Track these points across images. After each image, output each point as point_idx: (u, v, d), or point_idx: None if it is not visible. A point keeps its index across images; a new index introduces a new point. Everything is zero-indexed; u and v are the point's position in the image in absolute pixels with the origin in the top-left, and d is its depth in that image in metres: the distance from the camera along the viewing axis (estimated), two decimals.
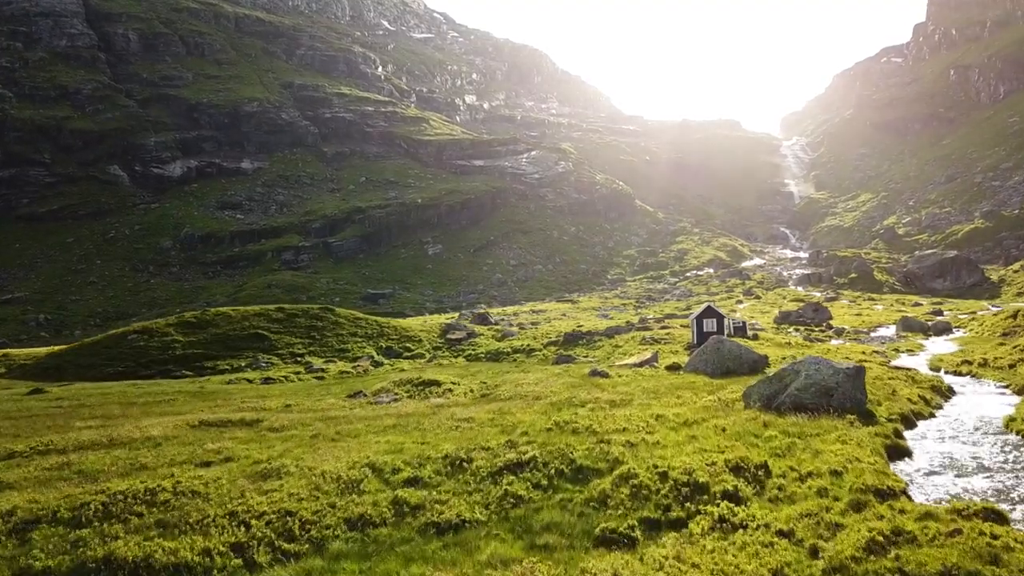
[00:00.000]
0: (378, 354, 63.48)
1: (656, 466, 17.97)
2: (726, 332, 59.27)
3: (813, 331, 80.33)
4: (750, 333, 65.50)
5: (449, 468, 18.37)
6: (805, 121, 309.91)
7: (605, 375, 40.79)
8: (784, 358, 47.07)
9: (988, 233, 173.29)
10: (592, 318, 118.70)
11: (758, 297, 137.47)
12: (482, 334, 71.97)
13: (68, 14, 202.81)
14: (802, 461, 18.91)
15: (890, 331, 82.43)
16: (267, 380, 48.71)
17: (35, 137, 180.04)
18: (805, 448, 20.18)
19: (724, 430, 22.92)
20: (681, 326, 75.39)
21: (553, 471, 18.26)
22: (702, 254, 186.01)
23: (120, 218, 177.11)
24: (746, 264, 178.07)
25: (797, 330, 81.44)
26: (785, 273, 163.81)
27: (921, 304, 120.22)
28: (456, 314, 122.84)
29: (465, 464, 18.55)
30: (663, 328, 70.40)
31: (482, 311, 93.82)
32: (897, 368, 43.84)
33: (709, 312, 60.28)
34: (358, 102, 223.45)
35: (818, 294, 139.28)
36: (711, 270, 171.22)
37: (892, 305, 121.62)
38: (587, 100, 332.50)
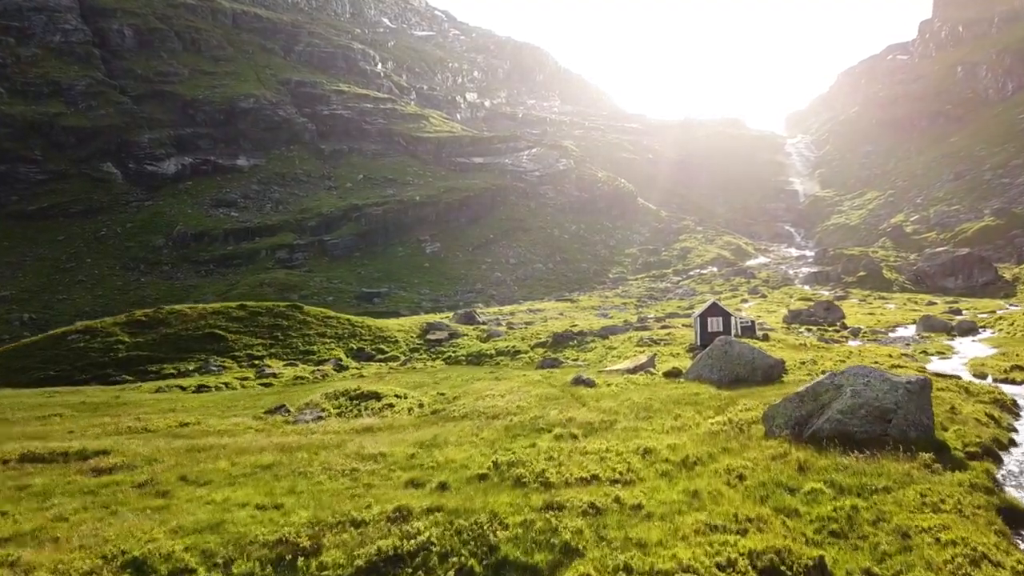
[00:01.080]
0: (347, 356, 56.02)
1: (630, 569, 10.20)
2: (733, 332, 51.52)
3: (827, 331, 72.56)
4: (759, 333, 57.79)
5: (271, 570, 10.66)
6: (809, 119, 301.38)
7: (590, 384, 33.21)
8: (803, 363, 39.16)
9: (999, 231, 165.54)
10: (590, 317, 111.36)
11: (764, 296, 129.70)
12: (466, 334, 64.46)
13: (62, 9, 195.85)
14: (884, 555, 11.12)
15: (910, 331, 74.64)
16: (201, 388, 41.45)
17: (26, 134, 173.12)
18: (876, 520, 12.70)
19: (742, 478, 15.48)
20: (683, 326, 67.68)
21: None
22: (705, 253, 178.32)
23: (112, 216, 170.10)
24: (751, 263, 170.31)
25: (809, 330, 73.60)
26: (791, 272, 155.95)
27: (935, 303, 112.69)
28: (449, 313, 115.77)
29: (303, 559, 10.86)
30: (663, 328, 62.74)
31: (468, 310, 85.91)
32: (941, 376, 35.83)
33: (714, 310, 52.49)
34: (356, 99, 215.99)
35: (826, 293, 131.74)
36: (715, 269, 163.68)
37: (905, 304, 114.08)
38: (590, 98, 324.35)
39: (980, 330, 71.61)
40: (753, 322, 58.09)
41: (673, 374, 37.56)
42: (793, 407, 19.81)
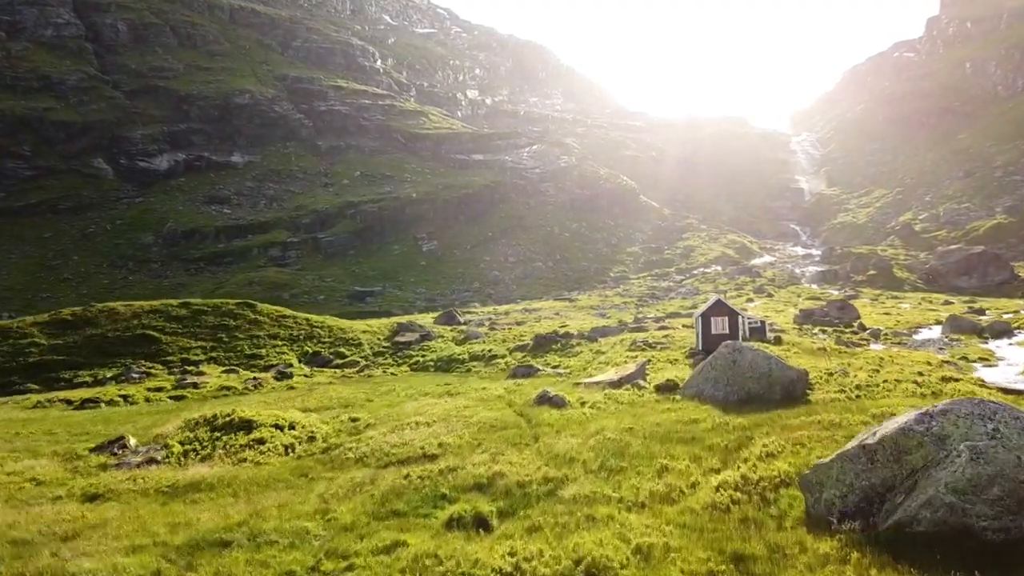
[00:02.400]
0: (299, 361, 48.15)
1: None
2: (740, 334, 42.98)
3: (843, 333, 64.33)
4: (770, 336, 49.33)
5: None
6: (815, 117, 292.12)
7: (558, 403, 25.25)
8: (830, 373, 30.85)
9: (1012, 229, 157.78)
10: (587, 317, 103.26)
11: (770, 295, 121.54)
12: (441, 336, 56.46)
13: (55, 3, 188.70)
14: None
15: (935, 333, 66.45)
16: (87, 403, 33.71)
17: (15, 129, 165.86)
18: None
19: None
20: (684, 327, 59.43)
21: None
22: (709, 251, 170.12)
23: (101, 213, 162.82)
24: (756, 261, 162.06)
25: (824, 331, 65.27)
26: (798, 271, 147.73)
27: (952, 303, 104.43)
28: (435, 314, 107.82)
29: None
30: (661, 329, 54.58)
31: (450, 310, 77.58)
32: (1012, 392, 27.32)
33: (718, 308, 44.14)
34: (355, 95, 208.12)
35: (835, 292, 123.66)
36: (719, 267, 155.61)
37: (920, 304, 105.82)
38: (593, 96, 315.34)
39: (1015, 332, 63.18)
40: (763, 322, 49.84)
41: (667, 388, 29.44)
42: (857, 471, 11.76)
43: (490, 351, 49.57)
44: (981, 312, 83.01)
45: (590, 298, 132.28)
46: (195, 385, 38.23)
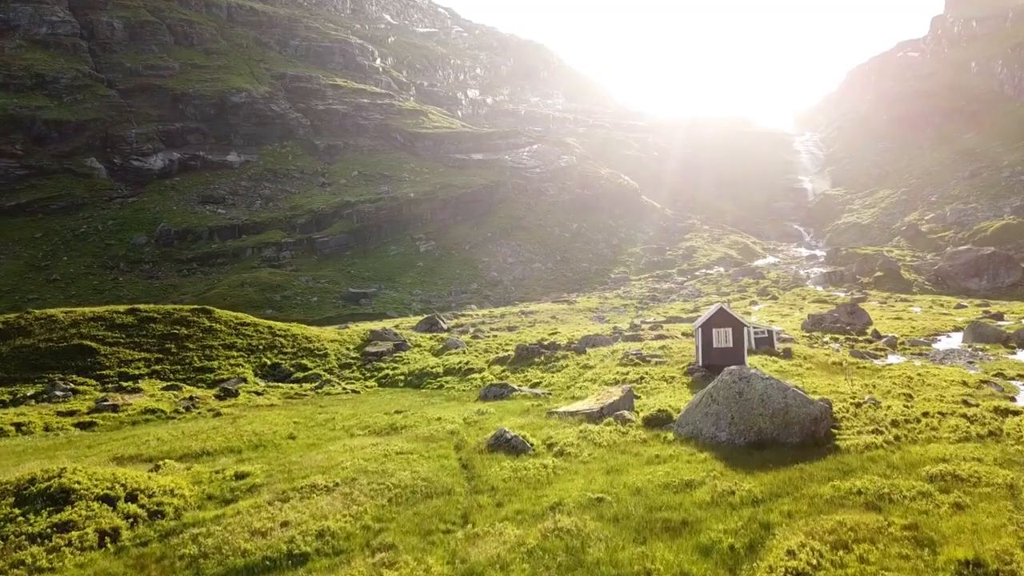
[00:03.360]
0: (256, 375, 42.77)
1: None
2: (746, 346, 37.11)
3: (856, 341, 58.67)
4: (778, 347, 43.46)
5: None
6: (818, 117, 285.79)
7: (518, 447, 19.83)
8: (856, 404, 25.07)
9: (1021, 230, 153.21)
10: (583, 321, 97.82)
11: (775, 298, 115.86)
12: (419, 345, 50.91)
13: (50, 0, 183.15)
14: None
15: (955, 341, 60.77)
16: None
17: (7, 128, 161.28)
18: None
19: None
20: (683, 334, 53.64)
21: None
22: (712, 252, 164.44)
23: (94, 212, 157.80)
24: (759, 263, 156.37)
25: (835, 339, 59.59)
26: (802, 272, 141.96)
27: (964, 306, 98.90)
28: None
29: None
30: (658, 338, 48.94)
31: (432, 315, 71.78)
32: None
33: (720, 318, 38.27)
34: (353, 94, 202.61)
35: (842, 294, 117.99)
36: (722, 269, 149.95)
37: (931, 307, 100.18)
38: (595, 96, 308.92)
39: None
40: (771, 332, 44.12)
41: (658, 422, 23.79)
42: None
43: (467, 364, 44.08)
44: (999, 317, 77.25)
45: (589, 300, 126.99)
46: (115, 408, 32.65)
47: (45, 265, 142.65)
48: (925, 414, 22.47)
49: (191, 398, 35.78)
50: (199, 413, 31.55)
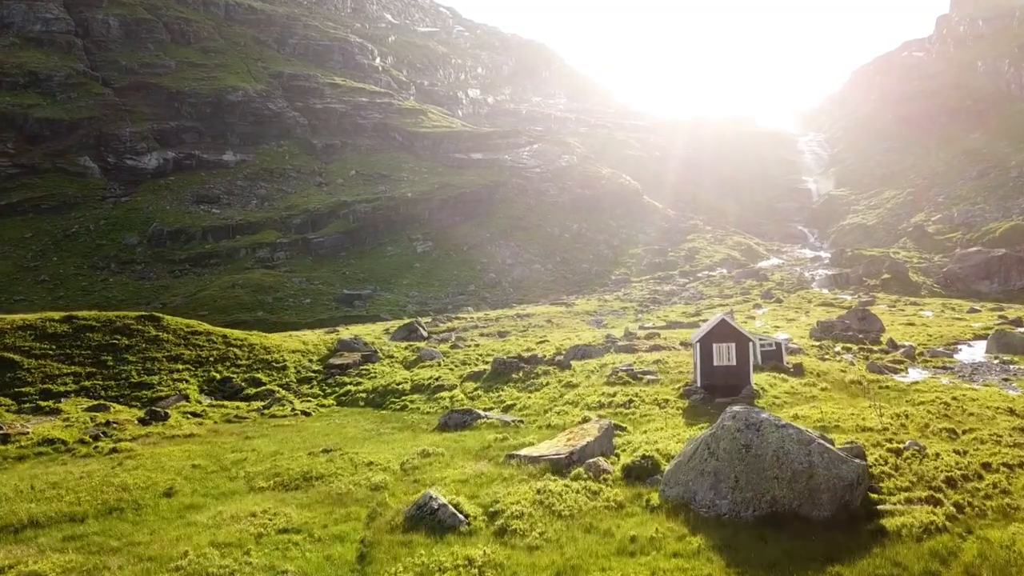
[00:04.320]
0: (202, 391, 37.91)
1: None
2: (752, 363, 31.58)
3: (871, 352, 53.22)
4: (788, 361, 37.98)
5: None
6: (822, 117, 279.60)
7: (446, 524, 15.11)
8: (892, 447, 19.29)
9: None
10: (581, 325, 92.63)
11: (779, 301, 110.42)
12: (391, 356, 45.87)
13: None
14: None
15: (978, 351, 55.63)
16: None
17: None
18: None
19: None
20: (682, 344, 47.92)
21: None
22: (715, 253, 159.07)
23: (85, 212, 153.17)
24: (762, 264, 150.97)
25: (848, 350, 54.15)
26: (807, 274, 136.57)
27: (978, 310, 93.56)
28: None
29: None
30: (654, 349, 43.68)
31: (413, 321, 66.35)
32: None
33: (723, 330, 32.84)
34: (352, 93, 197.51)
35: (848, 297, 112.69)
36: (724, 270, 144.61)
37: (943, 311, 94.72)
38: (597, 96, 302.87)
39: None
40: (779, 344, 38.72)
41: (641, 474, 18.60)
42: None
43: (438, 380, 38.97)
44: (1019, 323, 71.88)
45: (588, 302, 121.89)
46: (5, 439, 27.11)
47: (34, 266, 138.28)
48: (986, 466, 17.28)
49: (108, 423, 30.68)
50: (99, 447, 26.36)
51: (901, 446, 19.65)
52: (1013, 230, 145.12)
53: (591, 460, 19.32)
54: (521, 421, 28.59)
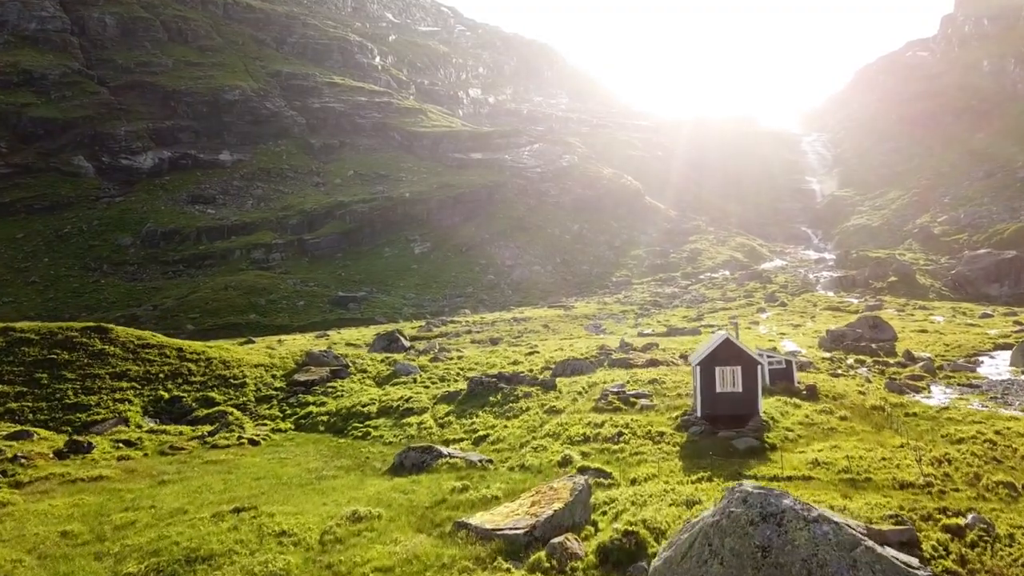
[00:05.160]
0: (146, 413, 33.63)
1: None
2: (760, 388, 26.89)
3: (887, 365, 48.83)
4: (800, 383, 33.35)
5: None
6: (825, 117, 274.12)
7: None
8: (948, 523, 14.27)
9: None
10: (578, 331, 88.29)
11: (783, 304, 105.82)
12: (363, 370, 41.64)
13: None
14: None
15: (999, 363, 52.17)
16: None
17: None
18: None
19: None
20: (682, 357, 43.27)
21: None
22: (717, 255, 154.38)
23: (79, 212, 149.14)
24: (766, 266, 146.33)
25: (862, 362, 49.66)
26: (811, 276, 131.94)
27: (990, 315, 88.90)
28: (407, 324, 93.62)
29: None
30: (650, 364, 39.28)
31: (393, 331, 61.81)
32: None
33: (727, 352, 28.13)
34: (351, 92, 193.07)
35: (855, 300, 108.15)
36: (727, 272, 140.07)
37: (954, 316, 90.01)
38: (599, 96, 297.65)
39: None
40: (790, 362, 34.17)
41: (620, 558, 14.17)
42: None
43: (408, 401, 34.57)
44: None
45: (588, 305, 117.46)
46: None
47: (25, 267, 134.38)
48: None
49: (15, 458, 26.25)
50: (54, 467, 21.83)
51: (961, 523, 15.06)
52: (1022, 231, 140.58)
53: (557, 540, 14.71)
54: (490, 461, 24.21)
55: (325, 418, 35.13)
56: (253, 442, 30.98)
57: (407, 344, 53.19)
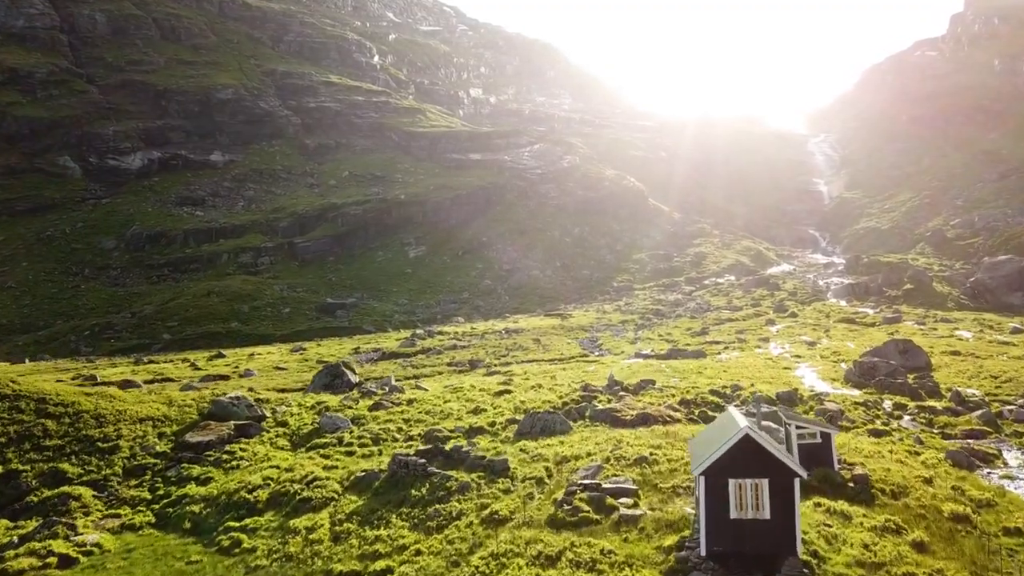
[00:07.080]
0: None
1: None
2: (798, 507, 17.24)
3: (935, 412, 40.12)
4: (843, 469, 23.90)
5: None
6: (832, 117, 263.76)
7: None
8: None
9: None
10: (572, 345, 79.53)
11: (794, 315, 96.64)
12: (284, 422, 33.28)
13: None
14: None
15: None
16: None
17: None
18: None
19: None
20: (682, 403, 33.90)
21: None
22: (722, 258, 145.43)
23: (63, 214, 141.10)
24: (773, 270, 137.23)
25: (902, 408, 40.52)
26: (821, 282, 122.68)
27: (1021, 329, 78.61)
28: (396, 334, 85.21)
29: None
30: (642, 421, 30.06)
31: (346, 361, 52.44)
32: None
33: (746, 455, 18.14)
34: (347, 91, 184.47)
35: (870, 311, 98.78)
36: (733, 277, 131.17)
37: (980, 332, 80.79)
38: (602, 96, 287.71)
39: None
40: (828, 435, 24.68)
41: None
42: None
43: (310, 484, 25.53)
44: None
45: (586, 314, 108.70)
46: None
47: (2, 272, 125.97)
48: None
49: None
50: None
51: None
52: None
53: None
54: None
55: (198, 508, 25.95)
56: (65, 562, 21.51)
57: (354, 379, 44.11)
